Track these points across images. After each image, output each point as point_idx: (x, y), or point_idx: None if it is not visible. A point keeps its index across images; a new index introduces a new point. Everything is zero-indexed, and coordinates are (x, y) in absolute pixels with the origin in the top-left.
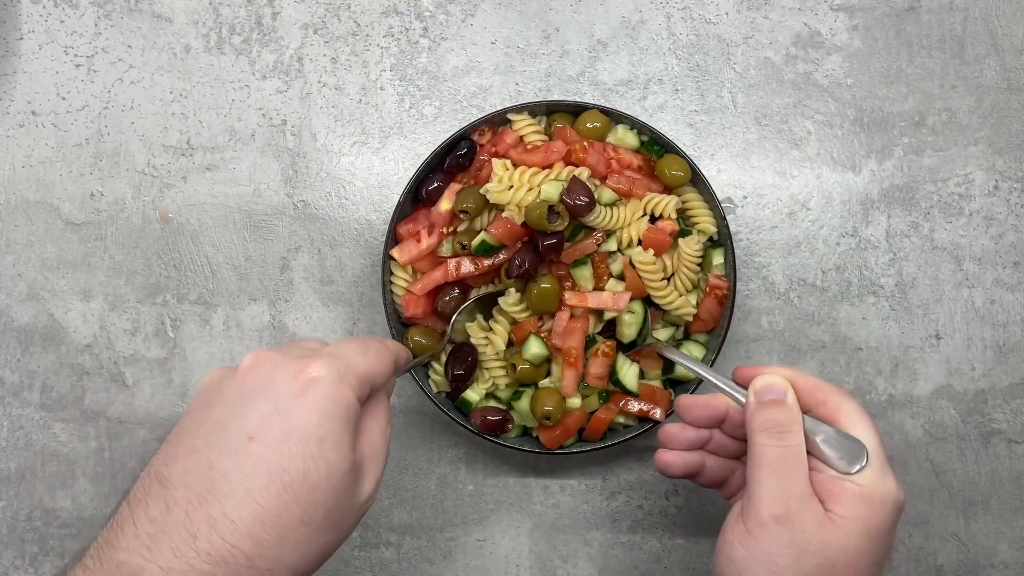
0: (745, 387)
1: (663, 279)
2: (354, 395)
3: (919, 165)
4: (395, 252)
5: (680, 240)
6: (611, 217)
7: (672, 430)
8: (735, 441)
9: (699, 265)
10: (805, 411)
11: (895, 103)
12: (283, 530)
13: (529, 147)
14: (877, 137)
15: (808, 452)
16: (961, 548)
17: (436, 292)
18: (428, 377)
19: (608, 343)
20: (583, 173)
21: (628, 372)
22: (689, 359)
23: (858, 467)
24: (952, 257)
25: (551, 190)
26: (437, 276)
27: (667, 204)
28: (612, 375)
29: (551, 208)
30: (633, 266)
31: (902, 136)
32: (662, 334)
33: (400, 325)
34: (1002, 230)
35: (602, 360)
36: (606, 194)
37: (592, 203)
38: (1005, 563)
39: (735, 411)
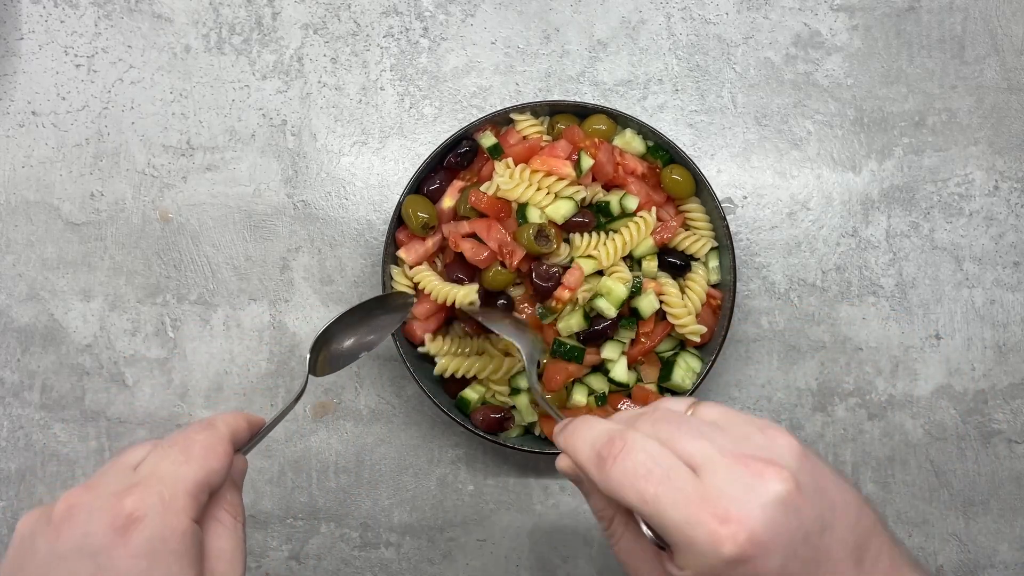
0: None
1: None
2: (188, 519)
3: (919, 165)
4: (401, 253)
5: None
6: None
7: None
8: None
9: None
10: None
11: (895, 103)
12: None
13: (531, 143)
14: (877, 137)
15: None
16: (961, 548)
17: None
18: (432, 379)
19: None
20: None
21: (618, 365)
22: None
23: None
24: (952, 257)
25: (564, 209)
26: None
27: (700, 246)
28: (603, 368)
29: (541, 231)
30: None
31: (902, 136)
32: (662, 345)
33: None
34: (1002, 230)
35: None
36: (613, 202)
37: (591, 224)
38: (1005, 563)
39: None
